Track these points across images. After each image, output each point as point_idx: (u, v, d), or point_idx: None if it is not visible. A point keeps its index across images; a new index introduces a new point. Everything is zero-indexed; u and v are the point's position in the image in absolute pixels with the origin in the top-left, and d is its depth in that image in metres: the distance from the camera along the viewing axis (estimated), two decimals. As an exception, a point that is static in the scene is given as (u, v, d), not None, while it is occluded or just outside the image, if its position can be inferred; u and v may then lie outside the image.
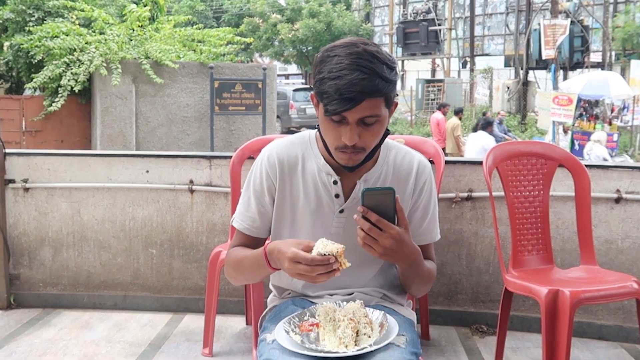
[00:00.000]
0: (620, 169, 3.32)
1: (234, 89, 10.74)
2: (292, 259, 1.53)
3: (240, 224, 1.85)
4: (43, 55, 10.18)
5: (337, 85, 1.56)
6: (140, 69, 10.24)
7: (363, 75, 1.56)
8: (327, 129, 1.66)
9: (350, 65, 1.56)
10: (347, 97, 1.56)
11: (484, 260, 3.42)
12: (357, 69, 1.56)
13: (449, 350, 3.17)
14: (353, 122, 1.60)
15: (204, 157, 3.61)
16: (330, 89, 1.57)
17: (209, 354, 3.08)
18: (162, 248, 3.65)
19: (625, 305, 3.30)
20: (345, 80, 1.55)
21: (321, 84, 1.60)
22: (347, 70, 1.56)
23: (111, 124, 10.32)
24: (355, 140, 1.61)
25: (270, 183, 1.80)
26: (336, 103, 1.57)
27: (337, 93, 1.56)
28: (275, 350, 1.61)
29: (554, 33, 19.11)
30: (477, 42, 30.63)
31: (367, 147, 1.66)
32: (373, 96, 1.58)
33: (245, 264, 1.78)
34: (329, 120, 1.63)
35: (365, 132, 1.63)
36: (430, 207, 1.83)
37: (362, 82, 1.55)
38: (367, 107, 1.59)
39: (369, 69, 1.57)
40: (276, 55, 32.22)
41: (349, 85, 1.55)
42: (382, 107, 1.62)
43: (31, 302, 3.71)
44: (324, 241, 1.55)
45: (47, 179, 3.66)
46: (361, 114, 1.59)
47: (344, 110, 1.57)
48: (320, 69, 1.62)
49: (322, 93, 1.61)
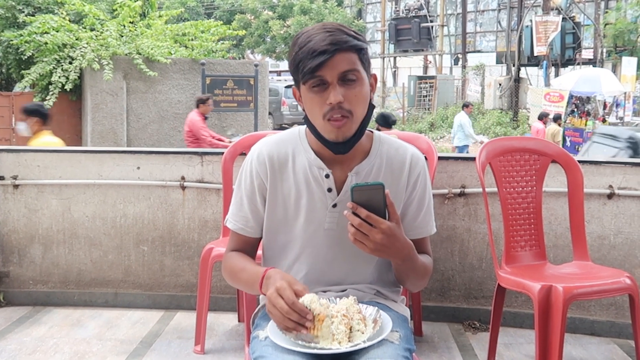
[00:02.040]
0: (613, 165, 3.32)
1: (225, 86, 10.72)
2: (278, 290, 1.53)
3: (234, 224, 1.83)
4: (33, 51, 10.12)
5: (309, 46, 1.61)
6: (131, 65, 10.19)
7: (330, 33, 1.62)
8: (312, 102, 1.65)
9: (317, 31, 1.63)
10: (320, 51, 1.59)
11: (477, 256, 3.42)
12: (324, 31, 1.63)
13: (441, 346, 3.17)
14: (333, 81, 1.62)
15: (195, 154, 3.59)
16: (304, 53, 1.61)
17: (201, 351, 3.06)
18: (154, 245, 3.63)
19: (618, 301, 3.30)
20: (315, 40, 1.61)
21: (295, 58, 1.64)
22: (315, 35, 1.62)
23: (102, 121, 10.28)
24: (339, 98, 1.61)
25: (261, 181, 1.78)
26: (311, 61, 1.60)
27: (309, 52, 1.60)
28: (267, 347, 1.60)
29: (546, 30, 19.17)
30: (469, 38, 30.67)
31: (354, 109, 1.65)
32: (344, 48, 1.61)
33: (240, 277, 1.78)
34: (311, 91, 1.64)
35: (348, 92, 1.63)
36: (425, 199, 1.81)
37: (329, 37, 1.61)
38: (342, 61, 1.61)
39: (335, 28, 1.64)
40: (268, 51, 32.19)
41: (319, 41, 1.60)
42: (358, 63, 1.64)
43: (21, 300, 3.68)
44: (313, 297, 1.55)
45: (37, 175, 3.63)
46: (338, 70, 1.61)
47: (319, 65, 1.59)
48: (291, 52, 1.68)
49: (297, 66, 1.64)
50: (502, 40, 28.41)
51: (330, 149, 1.70)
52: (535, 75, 24.18)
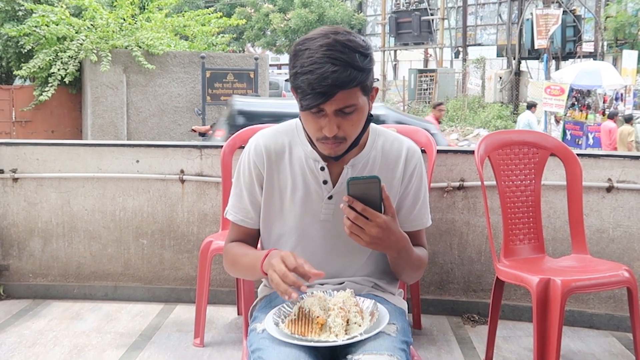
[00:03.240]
0: (612, 158, 3.32)
1: (225, 79, 10.71)
2: (282, 257, 1.55)
3: (234, 216, 1.83)
4: (33, 44, 10.10)
5: (309, 80, 1.54)
6: (131, 58, 10.18)
7: (334, 68, 1.53)
8: (307, 121, 1.66)
9: (321, 59, 1.54)
10: (320, 92, 1.54)
11: (476, 249, 3.42)
12: (328, 62, 1.53)
13: (440, 339, 3.18)
14: (331, 113, 1.59)
15: (194, 147, 3.59)
16: (303, 84, 1.56)
17: (200, 344, 3.07)
18: (153, 238, 3.63)
19: (616, 294, 3.31)
20: (316, 75, 1.53)
21: (295, 79, 1.60)
22: (318, 64, 1.54)
23: (102, 114, 10.27)
24: (334, 131, 1.60)
25: (258, 172, 1.78)
26: (309, 98, 1.56)
27: (309, 88, 1.55)
28: (265, 339, 1.60)
29: (546, 23, 19.13)
30: (470, 32, 30.58)
31: (348, 136, 1.65)
32: (346, 88, 1.55)
33: (242, 262, 1.78)
34: (308, 113, 1.63)
35: (345, 121, 1.62)
36: (420, 193, 1.82)
37: (333, 75, 1.53)
38: (341, 99, 1.57)
39: (340, 60, 1.54)
40: (268, 45, 32.09)
41: (320, 79, 1.53)
42: (358, 96, 1.60)
43: (21, 293, 3.69)
44: (314, 301, 1.58)
45: (36, 169, 3.63)
46: (337, 106, 1.58)
47: (317, 104, 1.57)
48: (293, 63, 1.61)
49: (296, 88, 1.61)
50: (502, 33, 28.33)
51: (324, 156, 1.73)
52: (536, 69, 24.13)
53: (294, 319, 1.58)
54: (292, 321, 1.58)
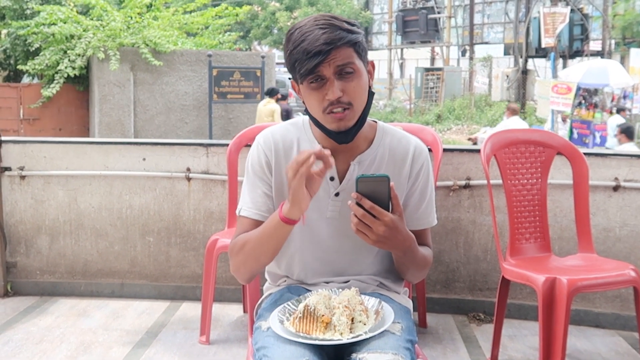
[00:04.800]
0: (619, 157, 3.31)
1: (232, 77, 10.72)
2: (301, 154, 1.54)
3: (248, 211, 1.76)
4: (41, 42, 10.14)
5: (303, 46, 1.60)
6: (138, 57, 10.20)
7: (323, 31, 1.61)
8: (311, 97, 1.66)
9: (310, 28, 1.62)
10: (315, 52, 1.59)
11: (482, 248, 3.42)
12: (317, 28, 1.61)
13: (446, 338, 3.17)
14: (331, 77, 1.62)
15: (201, 145, 3.60)
16: (298, 54, 1.61)
17: (206, 342, 3.08)
18: (159, 236, 3.64)
19: (623, 293, 3.30)
20: (308, 40, 1.60)
21: (290, 57, 1.64)
22: (308, 32, 1.62)
23: (109, 112, 10.29)
24: (338, 94, 1.62)
25: (267, 161, 1.77)
26: (306, 62, 1.60)
27: (304, 53, 1.60)
28: (270, 337, 1.61)
29: (554, 21, 19.04)
30: (477, 30, 30.49)
31: (354, 101, 1.65)
32: (338, 44, 1.61)
33: (255, 236, 1.69)
34: (310, 88, 1.65)
35: (347, 85, 1.64)
36: (427, 191, 1.81)
37: (323, 36, 1.60)
38: (337, 57, 1.61)
39: (328, 24, 1.63)
40: (275, 43, 32.07)
41: (312, 42, 1.60)
42: (354, 56, 1.64)
43: (28, 290, 3.71)
44: (319, 299, 1.59)
45: (43, 166, 3.64)
46: (334, 65, 1.61)
47: (314, 66, 1.60)
48: (287, 49, 1.66)
49: (293, 64, 1.64)
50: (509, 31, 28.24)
51: (333, 138, 1.71)
52: (543, 67, 24.04)
53: (299, 317, 1.58)
54: (298, 319, 1.58)
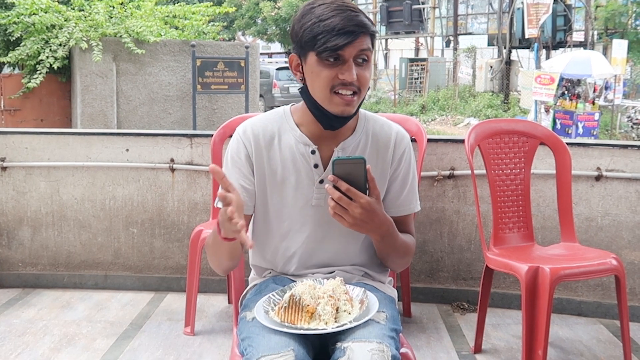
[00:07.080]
0: (601, 147, 3.34)
1: (216, 68, 10.65)
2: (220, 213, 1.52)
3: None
4: (21, 32, 10.01)
5: (334, 22, 1.60)
6: (121, 47, 10.10)
7: (355, 13, 1.63)
8: (321, 73, 1.65)
9: (340, 7, 1.63)
10: (348, 31, 1.60)
11: (466, 238, 3.44)
12: (348, 10, 1.63)
13: (430, 327, 3.19)
14: (350, 59, 1.63)
15: (184, 136, 3.58)
16: (326, 28, 1.61)
17: (191, 332, 3.07)
18: (143, 227, 3.63)
19: (605, 282, 3.33)
20: (340, 17, 1.61)
21: (312, 30, 1.62)
22: (338, 11, 1.62)
23: (92, 103, 10.19)
24: (354, 78, 1.64)
25: (247, 153, 1.77)
26: (336, 38, 1.60)
27: (335, 29, 1.60)
28: (254, 327, 1.61)
29: (537, 12, 19.11)
30: (461, 21, 30.55)
31: (363, 88, 1.68)
32: (366, 31, 1.64)
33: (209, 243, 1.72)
34: (324, 62, 1.64)
35: (361, 72, 1.66)
36: (409, 177, 1.82)
37: (356, 18, 1.62)
38: (361, 43, 1.64)
39: (357, 10, 1.65)
40: (259, 33, 31.94)
41: (347, 20, 1.61)
42: (370, 46, 1.68)
43: (10, 282, 3.68)
44: (305, 289, 1.58)
45: (25, 158, 3.61)
46: (356, 49, 1.63)
47: (345, 44, 1.61)
48: (304, 21, 1.65)
49: (314, 37, 1.62)
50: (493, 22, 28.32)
51: (324, 122, 1.71)
52: (527, 58, 24.14)
53: (285, 307, 1.58)
54: (283, 309, 1.58)
